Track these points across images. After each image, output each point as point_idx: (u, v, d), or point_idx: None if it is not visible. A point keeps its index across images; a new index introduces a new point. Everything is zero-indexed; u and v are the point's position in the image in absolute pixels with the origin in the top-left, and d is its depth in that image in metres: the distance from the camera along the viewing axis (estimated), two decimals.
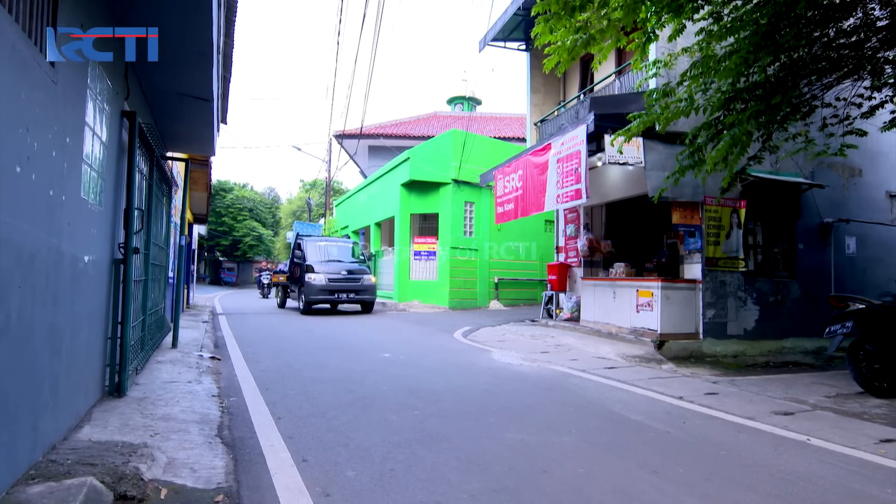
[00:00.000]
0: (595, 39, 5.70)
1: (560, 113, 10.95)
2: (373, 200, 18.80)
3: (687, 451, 3.25)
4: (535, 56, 11.58)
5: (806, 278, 8.28)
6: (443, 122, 23.34)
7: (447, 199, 15.11)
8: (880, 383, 4.86)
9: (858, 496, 2.60)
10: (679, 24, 5.58)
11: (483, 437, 3.40)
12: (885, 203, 9.32)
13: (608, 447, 3.29)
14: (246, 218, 40.23)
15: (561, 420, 3.91)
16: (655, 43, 7.07)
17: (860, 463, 3.08)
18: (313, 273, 12.34)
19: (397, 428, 3.55)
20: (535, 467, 2.90)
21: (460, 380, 5.32)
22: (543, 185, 8.46)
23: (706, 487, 2.67)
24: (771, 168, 8.00)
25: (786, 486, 2.71)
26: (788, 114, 6.11)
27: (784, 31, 5.37)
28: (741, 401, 4.59)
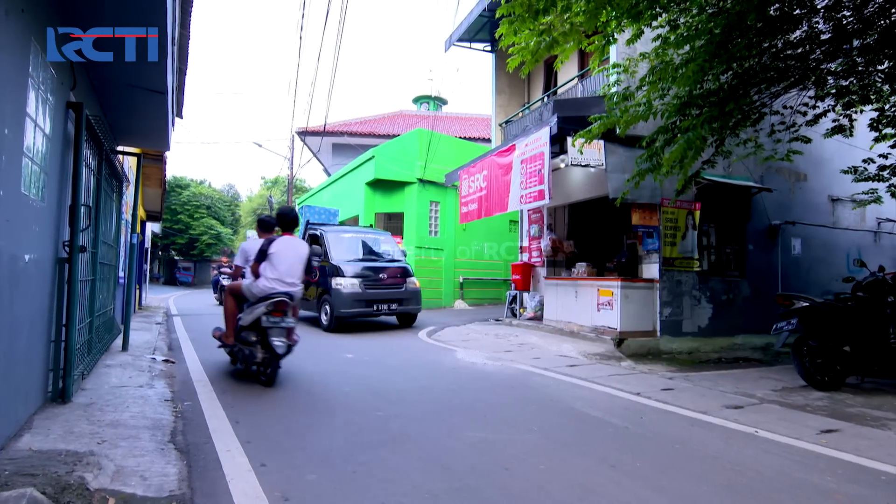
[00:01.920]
0: (558, 42, 5.80)
1: (524, 114, 11.09)
2: (337, 199, 18.53)
3: (644, 446, 3.34)
4: (501, 57, 11.69)
5: (755, 278, 8.68)
6: (408, 120, 23.26)
7: (412, 199, 15.07)
8: (822, 377, 5.13)
9: (801, 484, 2.74)
10: (638, 29, 5.74)
11: (446, 437, 3.40)
12: (828, 206, 9.87)
13: (569, 443, 3.35)
14: (203, 216, 38.92)
15: (523, 418, 3.95)
16: (615, 46, 7.27)
17: (803, 453, 3.25)
18: (342, 277, 9.06)
19: (360, 429, 3.51)
20: (498, 465, 2.92)
21: (424, 380, 5.30)
22: (508, 186, 8.55)
23: (661, 480, 2.75)
24: (724, 172, 8.34)
25: (735, 476, 2.83)
26: (740, 120, 6.39)
27: (736, 41, 5.60)
28: (695, 396, 4.77)
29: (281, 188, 39.72)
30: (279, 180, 41.09)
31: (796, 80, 6.25)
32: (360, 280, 9.11)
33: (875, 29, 5.77)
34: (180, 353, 6.45)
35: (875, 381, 5.49)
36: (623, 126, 6.42)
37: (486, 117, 21.89)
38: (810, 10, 5.84)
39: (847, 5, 5.76)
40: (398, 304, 9.46)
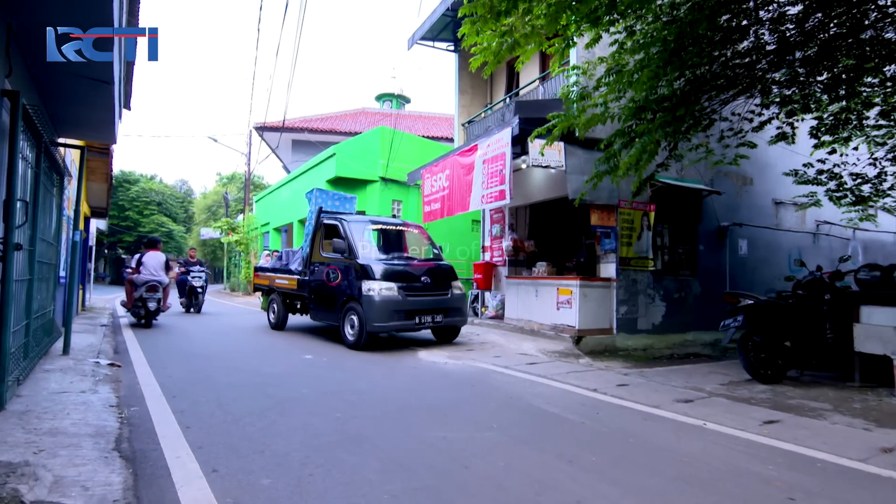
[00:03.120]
0: (520, 44, 5.86)
1: (487, 115, 11.17)
2: (297, 196, 18.13)
3: (600, 440, 3.42)
4: (464, 57, 11.73)
5: (705, 277, 9.05)
6: (371, 118, 23.04)
7: (374, 197, 14.93)
8: (765, 371, 5.41)
9: (745, 473, 2.87)
10: (596, 34, 5.88)
11: (406, 437, 3.38)
12: (772, 209, 10.40)
13: (527, 440, 3.39)
14: (154, 212, 37.34)
15: (483, 416, 3.98)
16: (575, 49, 7.42)
17: (747, 443, 3.41)
18: (375, 281, 6.91)
19: (318, 431, 3.44)
20: (457, 463, 2.92)
21: (385, 380, 5.25)
22: (470, 186, 8.59)
23: (616, 473, 2.82)
24: (676, 175, 8.66)
25: (685, 467, 2.93)
26: (692, 125, 6.64)
27: (689, 49, 5.82)
28: (648, 391, 4.92)
29: (237, 184, 38.56)
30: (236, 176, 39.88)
31: (744, 88, 6.56)
32: (398, 284, 7.03)
33: (815, 42, 6.11)
34: (127, 357, 6.15)
35: (813, 374, 5.82)
36: (582, 128, 6.56)
37: (449, 117, 21.93)
38: (757, 21, 6.13)
39: (790, 18, 6.07)
40: (443, 314, 7.32)
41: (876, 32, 6.16)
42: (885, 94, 7.29)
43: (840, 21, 5.89)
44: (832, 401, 4.60)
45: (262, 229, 22.49)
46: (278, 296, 9.46)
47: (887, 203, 8.60)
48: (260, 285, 10.43)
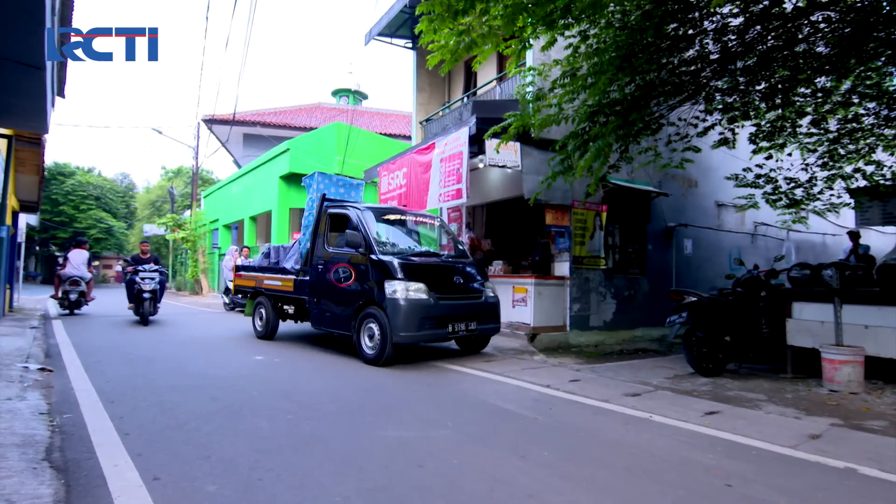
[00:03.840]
0: (477, 44, 5.89)
1: (445, 113, 11.18)
2: (248, 192, 17.59)
3: (552, 435, 3.49)
4: (422, 55, 11.69)
5: (654, 275, 9.41)
6: (326, 114, 22.61)
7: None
8: (707, 364, 5.67)
9: (687, 462, 3.00)
10: (552, 37, 5.99)
11: (360, 437, 3.33)
12: (714, 211, 10.94)
13: (482, 437, 3.41)
14: (91, 207, 35.20)
15: (438, 414, 3.97)
16: (531, 51, 7.54)
17: (690, 434, 3.56)
18: (399, 281, 5.76)
19: (268, 434, 3.33)
20: (412, 462, 2.90)
21: (339, 380, 5.17)
22: (427, 184, 8.57)
23: (567, 467, 2.89)
24: (627, 177, 8.95)
25: (632, 458, 3.03)
26: (641, 129, 6.88)
27: (639, 55, 6.03)
28: (599, 386, 5.07)
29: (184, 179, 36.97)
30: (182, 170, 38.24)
31: (689, 95, 6.86)
32: (427, 286, 5.90)
33: (754, 53, 6.46)
34: (60, 361, 5.77)
35: (750, 366, 6.16)
36: (537, 128, 6.68)
37: (406, 114, 21.83)
38: (701, 31, 6.42)
39: (732, 30, 6.40)
40: (477, 321, 6.26)
41: (808, 46, 6.58)
42: (817, 105, 7.80)
43: (777, 34, 6.25)
44: (767, 391, 4.87)
45: (210, 226, 21.66)
46: (267, 299, 7.94)
47: (817, 206, 9.21)
48: (243, 287, 8.80)
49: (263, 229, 17.55)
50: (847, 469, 2.91)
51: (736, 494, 2.55)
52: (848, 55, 6.35)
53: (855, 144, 8.33)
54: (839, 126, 8.21)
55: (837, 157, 8.48)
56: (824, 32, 6.35)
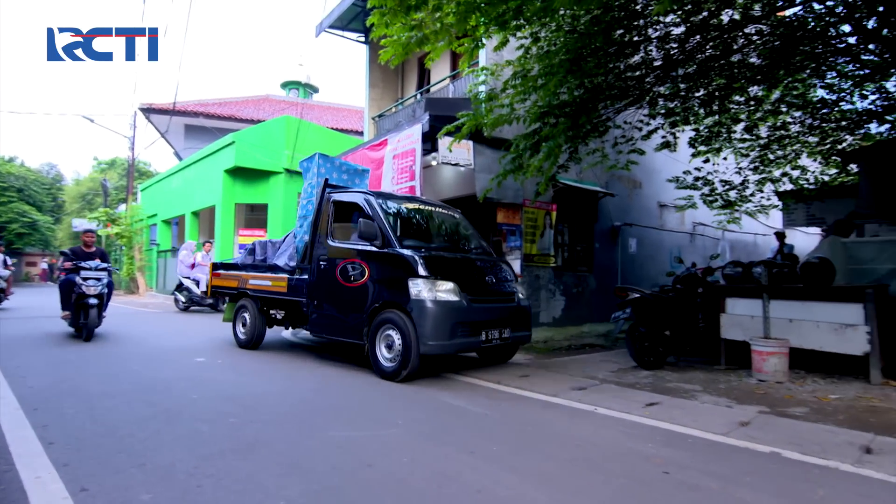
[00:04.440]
0: (429, 39, 5.86)
1: (398, 110, 11.10)
2: (189, 186, 16.79)
3: (501, 431, 3.53)
4: (374, 49, 11.54)
5: (600, 272, 9.74)
6: (275, 106, 21.93)
7: (278, 189, 14.25)
8: (648, 358, 5.92)
9: (628, 452, 3.11)
10: (504, 37, 6.05)
11: (307, 439, 3.25)
12: (657, 211, 11.44)
13: (432, 435, 3.41)
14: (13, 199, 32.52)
15: (389, 413, 3.94)
16: (484, 51, 7.60)
17: (632, 424, 3.70)
18: (425, 280, 4.94)
19: (208, 439, 3.19)
20: (360, 462, 2.86)
21: (286, 381, 5.03)
22: (379, 181, 8.48)
23: (515, 461, 2.93)
24: (576, 177, 9.20)
25: (577, 450, 3.12)
26: (590, 131, 7.09)
27: (587, 59, 6.20)
28: (547, 380, 5.18)
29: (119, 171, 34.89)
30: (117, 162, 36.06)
31: (635, 99, 7.12)
32: (458, 286, 5.10)
33: (694, 61, 6.79)
34: None
35: (688, 359, 6.48)
36: (490, 127, 6.74)
37: (359, 109, 21.50)
38: (646, 39, 6.69)
39: (674, 38, 6.70)
40: (511, 328, 5.50)
41: (743, 57, 6.99)
42: (749, 112, 8.31)
43: (714, 44, 6.60)
44: (702, 382, 5.14)
45: (147, 221, 20.54)
46: (252, 302, 6.85)
47: (749, 207, 9.81)
48: (221, 288, 7.68)
49: (206, 225, 16.82)
50: (772, 453, 3.11)
51: (673, 481, 2.67)
52: (777, 66, 6.79)
53: (783, 150, 8.93)
54: (769, 133, 8.79)
55: (767, 162, 9.06)
56: (757, 44, 6.76)
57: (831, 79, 7.78)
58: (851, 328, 4.95)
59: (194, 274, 11.97)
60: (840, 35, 6.46)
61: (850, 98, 8.00)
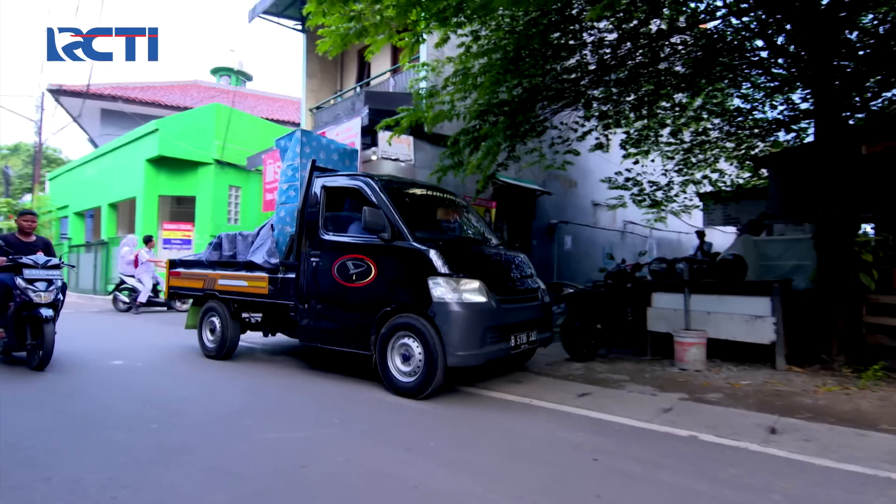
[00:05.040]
0: (368, 32, 5.76)
1: (337, 102, 10.85)
2: (106, 176, 15.58)
3: (438, 426, 3.54)
4: (312, 39, 11.20)
5: (538, 269, 9.84)
6: (204, 93, 20.79)
7: (207, 182, 13.52)
8: (581, 351, 6.15)
9: (560, 441, 3.22)
10: (445, 34, 6.05)
11: (237, 442, 3.10)
12: (591, 210, 11.92)
13: (369, 433, 3.36)
14: None
15: (325, 413, 3.84)
16: (425, 46, 7.57)
17: (564, 415, 3.83)
18: (447, 278, 4.20)
19: (126, 448, 2.97)
20: (293, 464, 2.76)
21: (215, 383, 4.78)
22: None
23: (451, 454, 2.94)
24: (515, 175, 9.40)
25: (511, 442, 3.18)
26: (528, 130, 7.25)
27: (525, 60, 6.33)
28: (483, 375, 5.24)
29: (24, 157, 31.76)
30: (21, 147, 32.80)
31: (570, 101, 7.36)
32: (486, 287, 4.37)
33: (625, 67, 7.11)
34: None
35: (618, 351, 6.79)
36: (430, 123, 6.73)
37: (295, 100, 20.82)
38: (581, 43, 6.92)
39: (607, 44, 6.98)
40: (537, 330, 4.91)
41: (669, 65, 7.40)
42: (675, 118, 8.81)
43: (644, 52, 6.94)
44: (630, 373, 5.41)
45: (57, 213, 18.85)
46: (224, 306, 5.85)
47: (674, 207, 10.43)
48: (182, 290, 6.57)
49: (126, 218, 15.67)
50: (690, 437, 3.32)
51: (601, 467, 2.78)
52: (699, 75, 7.25)
53: (704, 154, 9.55)
54: (692, 138, 9.37)
55: (690, 165, 9.67)
56: (681, 54, 7.18)
57: (746, 89, 8.42)
58: (760, 319, 5.39)
59: (138, 272, 10.90)
60: (754, 49, 7.00)
61: (762, 108, 8.69)
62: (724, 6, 6.50)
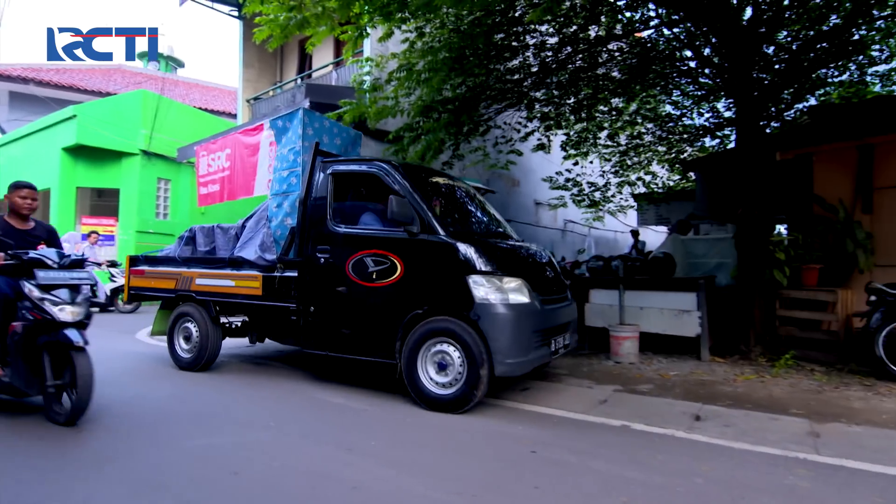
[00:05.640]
0: (310, 23, 5.59)
1: (276, 93, 10.48)
2: (15, 165, 14.19)
3: (380, 425, 3.49)
4: (250, 27, 10.74)
5: None
6: (130, 78, 19.44)
7: (133, 173, 12.65)
8: None
9: (500, 436, 3.26)
10: (389, 29, 5.98)
11: (164, 450, 2.91)
12: (533, 208, 12.20)
13: (307, 434, 3.26)
14: None
15: (260, 415, 3.69)
16: (368, 41, 7.45)
17: (505, 410, 3.87)
18: (492, 277, 3.79)
19: (39, 460, 2.72)
20: (225, 471, 2.63)
21: (139, 388, 4.48)
22: (254, 168, 7.85)
23: (393, 454, 2.91)
24: (460, 174, 9.45)
25: (452, 439, 3.19)
26: (472, 129, 7.31)
27: (470, 59, 6.37)
28: None
29: None
30: None
31: (513, 102, 7.49)
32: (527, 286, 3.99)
33: (566, 70, 7.32)
34: None
35: None
36: (373, 119, 6.64)
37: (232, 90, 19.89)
38: (524, 45, 7.05)
39: (549, 48, 7.16)
40: (568, 333, 4.55)
41: (606, 70, 7.69)
42: (612, 121, 9.19)
43: (583, 57, 7.17)
44: (569, 367, 5.58)
45: None
46: (202, 309, 5.09)
47: (611, 207, 10.89)
48: (146, 291, 5.77)
49: (39, 212, 14.38)
50: (623, 426, 3.46)
51: (539, 458, 2.85)
52: (634, 81, 7.59)
53: (638, 157, 10.04)
54: (627, 141, 9.82)
55: (626, 167, 10.12)
56: (618, 60, 7.48)
57: (676, 97, 8.92)
58: (687, 314, 5.72)
59: None
60: (683, 59, 7.41)
61: (690, 114, 9.23)
62: (656, 17, 6.83)
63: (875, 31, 6.39)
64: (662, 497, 2.39)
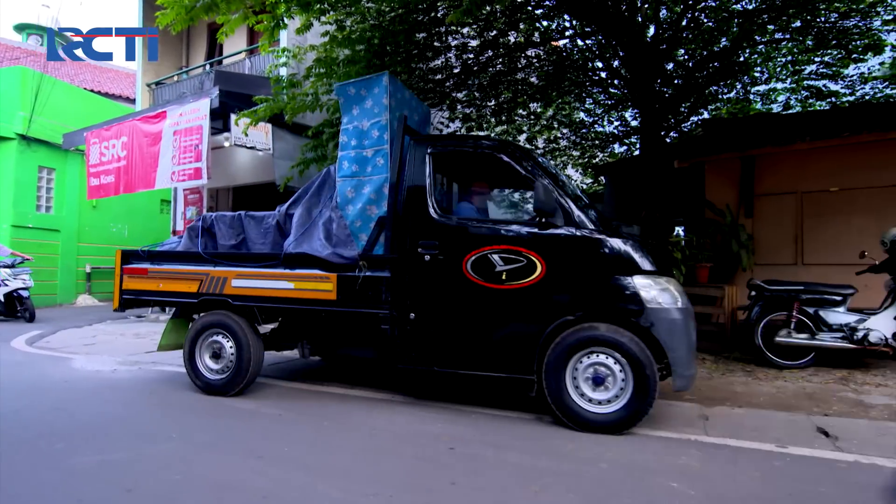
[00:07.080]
0: (218, 7, 5.25)
1: (182, 79, 9.76)
2: None
3: (295, 429, 3.36)
4: (151, 6, 9.91)
5: None
6: (5, 53, 17.21)
7: (8, 160, 11.22)
8: None
9: (420, 434, 3.26)
10: (307, 20, 5.77)
11: (45, 469, 2.59)
12: None
13: (213, 444, 3.05)
14: None
15: (161, 426, 3.40)
16: (286, 31, 7.15)
17: (426, 408, 3.88)
18: (657, 278, 3.38)
19: None
20: (118, 489, 2.39)
21: (17, 401, 3.97)
22: (156, 159, 7.31)
23: (309, 458, 2.81)
24: None
25: (372, 440, 3.14)
26: None
27: (391, 55, 6.31)
28: (345, 375, 5.12)
29: None
30: None
31: (436, 102, 7.53)
32: None
33: (487, 73, 7.49)
34: None
35: None
36: (290, 113, 6.37)
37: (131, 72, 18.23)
38: (446, 46, 7.12)
39: (471, 50, 7.28)
40: None
41: (525, 76, 7.97)
42: (530, 125, 9.54)
43: (503, 61, 7.38)
44: None
45: None
46: (241, 318, 4.18)
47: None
48: (151, 295, 4.65)
49: None
50: (535, 418, 3.59)
51: (458, 454, 2.88)
52: (551, 88, 7.93)
53: (554, 161, 10.51)
54: (545, 145, 10.24)
55: None
56: (536, 66, 7.79)
57: (589, 105, 9.45)
58: None
59: None
60: (595, 69, 7.86)
61: (601, 122, 9.82)
62: (571, 27, 7.19)
63: (758, 54, 7.18)
64: (572, 483, 2.51)
